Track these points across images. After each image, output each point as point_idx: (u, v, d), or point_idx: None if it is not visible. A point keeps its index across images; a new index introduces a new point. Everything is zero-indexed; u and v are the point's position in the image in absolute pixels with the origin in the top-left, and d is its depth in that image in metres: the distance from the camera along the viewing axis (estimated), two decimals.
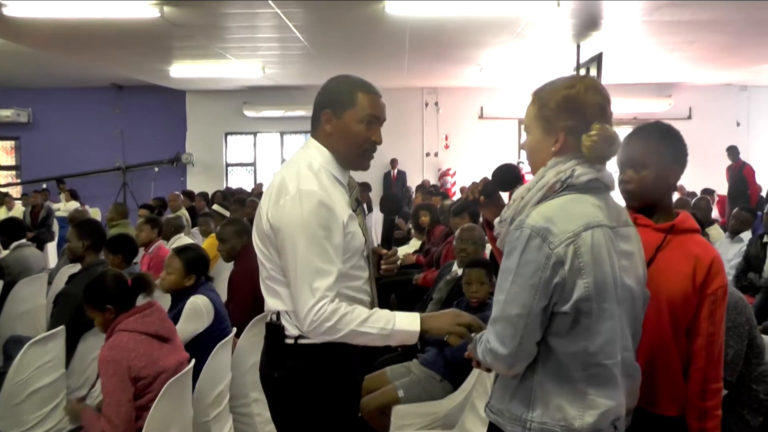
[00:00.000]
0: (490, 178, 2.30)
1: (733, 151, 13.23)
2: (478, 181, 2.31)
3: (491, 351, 1.91)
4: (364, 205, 2.84)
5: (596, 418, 1.87)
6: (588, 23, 9.34)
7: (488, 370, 2.06)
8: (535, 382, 1.92)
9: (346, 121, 2.42)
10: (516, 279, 1.87)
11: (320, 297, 2.25)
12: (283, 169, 2.44)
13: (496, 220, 2.09)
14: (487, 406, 2.08)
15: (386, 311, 2.35)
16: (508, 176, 2.27)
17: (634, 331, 2.00)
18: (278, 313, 2.40)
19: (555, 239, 1.83)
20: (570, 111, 1.95)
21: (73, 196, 14.20)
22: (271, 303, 2.43)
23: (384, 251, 2.71)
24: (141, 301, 3.44)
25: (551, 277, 1.83)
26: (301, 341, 2.37)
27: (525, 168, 14.42)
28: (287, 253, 2.30)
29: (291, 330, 2.38)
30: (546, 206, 1.91)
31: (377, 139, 2.47)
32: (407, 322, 2.33)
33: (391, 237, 2.77)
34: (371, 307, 2.49)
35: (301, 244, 2.26)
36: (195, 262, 4.14)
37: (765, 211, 6.08)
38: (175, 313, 4.02)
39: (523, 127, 2.11)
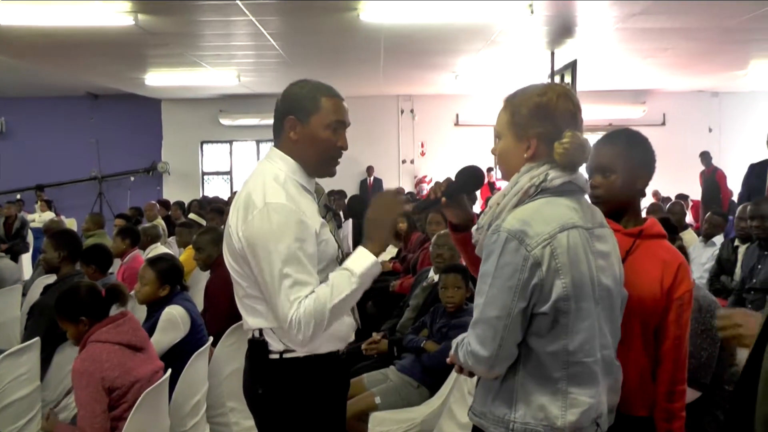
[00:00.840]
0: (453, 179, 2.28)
1: (705, 157, 13.37)
2: (441, 181, 2.31)
3: (472, 353, 1.93)
4: (341, 213, 2.84)
5: (578, 417, 1.90)
6: (562, 30, 9.42)
7: (470, 374, 2.07)
8: (516, 383, 1.94)
9: (312, 127, 2.38)
10: (494, 282, 1.89)
11: (297, 306, 2.21)
12: (248, 183, 2.39)
13: (474, 228, 2.10)
14: (470, 410, 2.08)
15: (337, 271, 2.31)
16: (472, 178, 2.26)
17: (613, 330, 2.03)
18: (261, 330, 2.37)
19: (531, 241, 1.86)
20: (542, 118, 1.98)
21: (48, 206, 14.08)
22: (252, 321, 2.39)
23: None
24: (114, 311, 3.41)
25: (529, 278, 1.86)
26: (287, 356, 2.34)
27: (495, 175, 14.42)
28: (262, 268, 2.25)
29: (276, 345, 2.35)
30: (521, 210, 1.94)
31: (343, 144, 2.43)
32: (361, 261, 2.30)
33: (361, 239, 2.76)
34: (352, 313, 2.51)
35: (275, 257, 2.22)
36: (168, 272, 4.11)
37: (736, 215, 6.15)
38: (151, 324, 4.00)
39: (494, 132, 2.13)
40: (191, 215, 10.58)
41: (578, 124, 2.00)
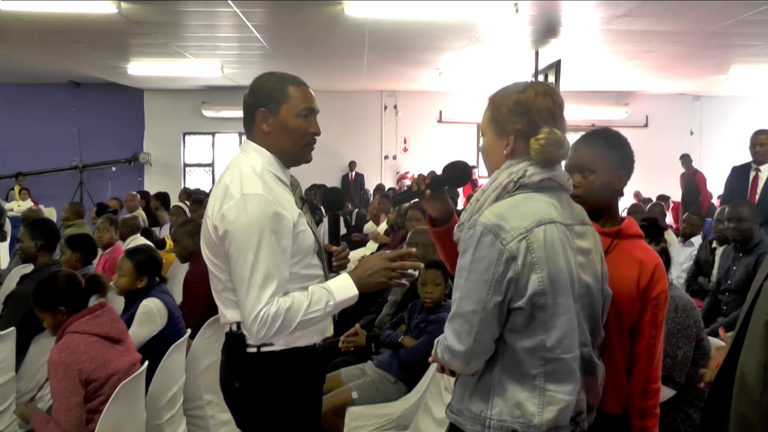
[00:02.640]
0: (439, 173, 2.29)
1: (686, 159, 13.47)
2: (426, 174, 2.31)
3: (448, 348, 1.93)
4: (322, 208, 2.85)
5: (555, 414, 1.89)
6: (546, 30, 9.45)
7: (452, 373, 2.06)
8: (493, 379, 1.93)
9: (283, 116, 2.41)
10: (470, 275, 1.89)
11: (265, 303, 2.24)
12: (225, 175, 2.41)
13: (456, 227, 2.10)
14: (447, 407, 2.08)
15: (319, 288, 2.36)
16: (458, 173, 2.27)
17: (594, 328, 2.03)
18: (239, 323, 2.37)
19: (507, 235, 1.87)
20: (520, 115, 1.99)
21: (28, 194, 14.00)
22: (230, 315, 2.39)
23: (334, 248, 2.71)
24: (93, 302, 3.38)
25: (504, 272, 1.86)
26: (264, 349, 2.35)
27: (478, 172, 14.46)
28: (233, 259, 2.27)
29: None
30: (498, 205, 1.94)
31: (316, 130, 2.47)
32: (344, 291, 2.37)
33: (338, 233, 2.77)
34: None
35: (248, 249, 2.24)
36: (146, 264, 4.09)
37: (714, 217, 6.21)
38: (129, 316, 3.98)
39: (480, 130, 2.13)
40: (177, 203, 10.55)
41: (558, 121, 2.00)
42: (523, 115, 1.98)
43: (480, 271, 1.88)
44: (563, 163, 2.07)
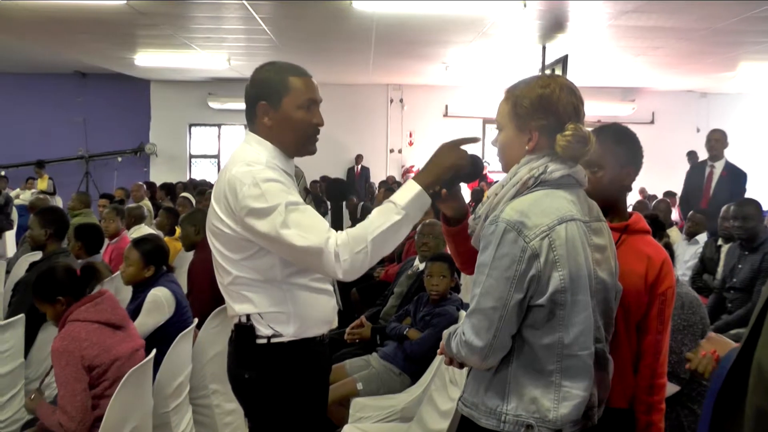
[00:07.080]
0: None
1: (692, 157, 13.44)
2: None
3: (466, 343, 1.92)
4: (327, 201, 2.85)
5: (570, 410, 1.89)
6: (554, 25, 9.44)
7: (461, 366, 2.06)
8: (509, 375, 1.93)
9: (285, 109, 2.36)
10: (491, 272, 1.88)
11: (326, 235, 2.16)
12: (229, 166, 2.35)
13: (470, 218, 2.09)
14: (460, 400, 2.08)
15: (380, 206, 2.25)
16: (471, 168, 2.25)
17: (607, 324, 2.04)
18: (248, 315, 2.36)
19: (530, 233, 1.86)
20: (544, 110, 1.97)
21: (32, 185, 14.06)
22: (239, 308, 2.38)
23: None
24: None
25: (527, 270, 1.85)
26: (274, 341, 2.35)
27: (487, 167, 14.40)
28: (267, 231, 2.20)
29: (263, 330, 2.35)
30: (520, 201, 1.93)
31: (319, 121, 2.42)
32: (406, 192, 2.22)
33: (341, 223, 2.75)
34: (335, 296, 2.54)
35: (278, 213, 2.18)
36: (153, 253, 4.09)
37: (720, 215, 6.20)
38: (136, 305, 4.00)
39: (495, 124, 2.12)
40: (184, 194, 10.57)
41: (580, 117, 2.00)
42: (548, 111, 1.97)
43: (502, 268, 1.87)
44: None
